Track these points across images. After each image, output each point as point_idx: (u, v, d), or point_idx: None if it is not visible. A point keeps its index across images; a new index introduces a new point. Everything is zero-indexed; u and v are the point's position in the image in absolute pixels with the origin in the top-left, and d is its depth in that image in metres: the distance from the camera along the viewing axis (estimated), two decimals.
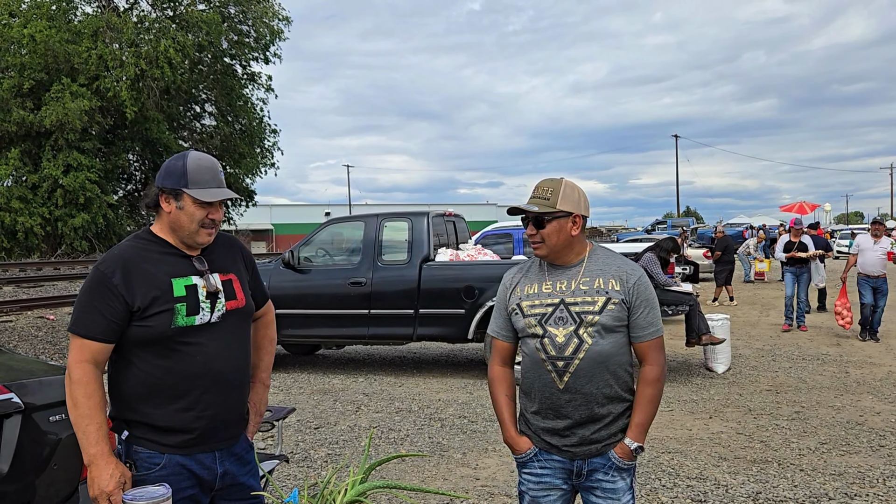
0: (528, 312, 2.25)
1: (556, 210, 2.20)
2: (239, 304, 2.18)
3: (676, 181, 52.42)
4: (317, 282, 8.14)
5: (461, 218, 9.46)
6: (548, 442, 2.28)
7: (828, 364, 8.35)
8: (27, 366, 3.08)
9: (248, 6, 28.87)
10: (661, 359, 2.25)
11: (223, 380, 2.09)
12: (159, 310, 2.00)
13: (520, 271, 2.38)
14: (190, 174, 2.05)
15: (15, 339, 10.11)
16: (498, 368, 2.40)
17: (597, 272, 2.24)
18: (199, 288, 2.08)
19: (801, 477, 4.61)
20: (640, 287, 2.22)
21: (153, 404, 2.02)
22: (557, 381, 2.21)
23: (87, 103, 24.46)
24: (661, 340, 2.27)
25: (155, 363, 2.02)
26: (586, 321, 2.18)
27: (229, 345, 2.12)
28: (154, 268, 2.04)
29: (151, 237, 2.12)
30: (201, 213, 2.07)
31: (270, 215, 61.62)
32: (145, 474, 2.01)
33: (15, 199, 24.53)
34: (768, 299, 15.61)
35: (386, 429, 5.97)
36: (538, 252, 2.26)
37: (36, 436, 2.52)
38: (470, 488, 4.53)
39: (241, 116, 31.46)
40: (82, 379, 1.93)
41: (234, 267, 2.25)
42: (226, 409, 2.12)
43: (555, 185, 2.24)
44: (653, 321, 2.24)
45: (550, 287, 2.25)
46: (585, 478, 2.26)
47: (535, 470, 2.30)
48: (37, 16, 25.68)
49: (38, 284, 16.88)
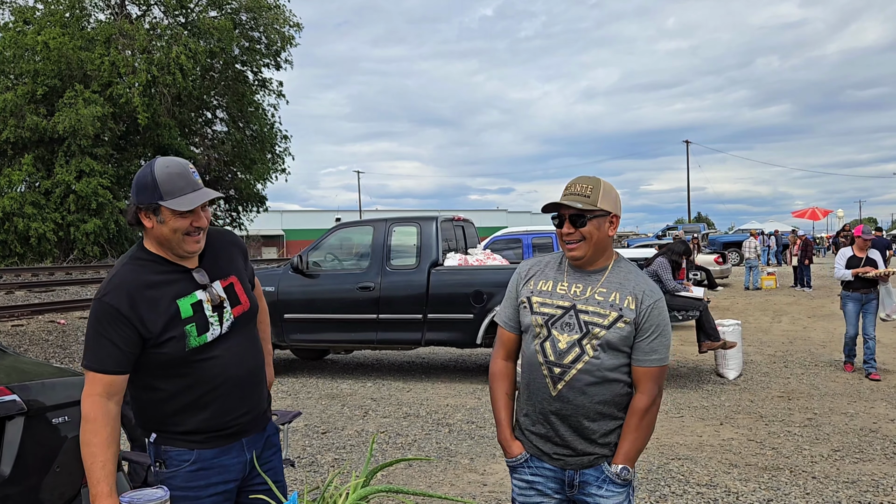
0: (537, 310, 2.18)
1: (597, 208, 2.09)
2: (244, 308, 2.16)
3: (687, 187, 52.25)
4: (326, 286, 8.14)
5: (470, 223, 9.44)
6: (539, 448, 2.21)
7: (841, 371, 8.26)
8: (32, 368, 3.08)
9: (260, 13, 29.07)
10: (654, 390, 2.13)
11: (238, 386, 2.11)
12: (171, 335, 1.98)
13: (537, 264, 2.29)
14: (161, 185, 1.95)
15: (26, 343, 10.16)
16: (501, 363, 2.32)
17: (615, 285, 2.14)
18: (203, 303, 2.05)
19: (813, 484, 4.54)
20: (654, 311, 2.11)
21: (177, 417, 2.05)
22: (551, 386, 2.14)
23: (100, 109, 24.68)
24: (662, 371, 2.14)
25: (174, 382, 2.03)
26: (592, 333, 2.10)
27: (242, 349, 2.14)
28: (158, 292, 1.99)
29: (147, 256, 2.04)
30: (184, 223, 1.98)
31: (281, 221, 61.85)
32: (175, 471, 2.03)
33: (28, 204, 24.75)
34: (780, 305, 15.48)
35: (393, 434, 5.95)
36: (575, 252, 2.14)
37: (39, 438, 2.51)
38: (477, 494, 4.49)
39: (252, 122, 31.65)
40: (89, 415, 1.90)
41: (233, 266, 2.20)
42: (248, 406, 2.15)
43: (594, 182, 2.14)
44: (657, 349, 2.12)
45: (566, 288, 2.17)
46: (578, 490, 2.18)
47: (526, 476, 2.23)
48: (50, 23, 25.96)
49: (50, 289, 16.97)
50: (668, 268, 8.07)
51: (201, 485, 2.04)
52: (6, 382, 2.50)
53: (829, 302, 15.85)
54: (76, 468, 2.63)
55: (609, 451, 2.16)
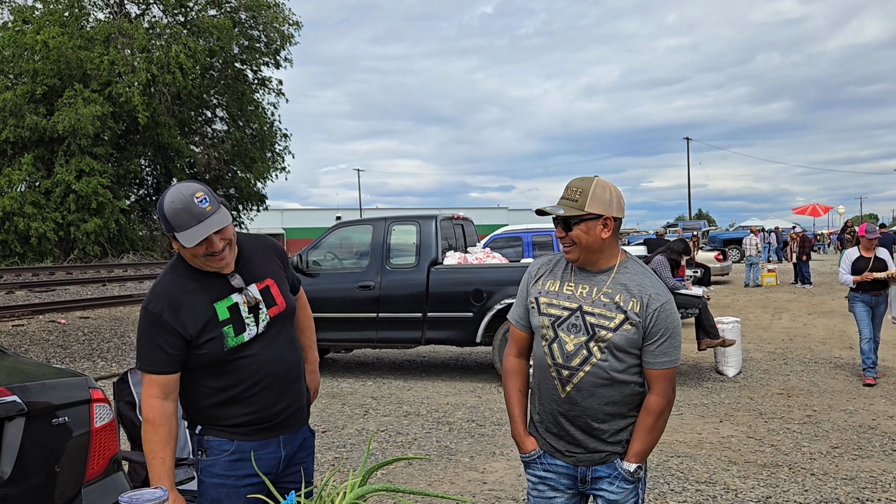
0: (544, 311, 2.18)
1: (583, 213, 2.08)
2: (280, 309, 2.26)
3: (688, 184, 52.23)
4: (325, 285, 8.14)
5: (470, 221, 9.45)
6: (552, 445, 2.24)
7: (840, 368, 8.27)
8: (32, 369, 3.08)
9: (259, 12, 29.03)
10: (668, 390, 2.13)
11: (276, 381, 2.24)
12: (210, 337, 2.12)
13: (547, 264, 2.28)
14: (170, 220, 2.06)
15: (27, 343, 10.17)
16: (513, 360, 2.32)
17: (620, 287, 2.12)
18: (240, 305, 2.18)
19: (811, 481, 4.55)
20: (661, 315, 2.08)
21: (219, 412, 2.20)
22: (559, 389, 2.15)
23: (100, 109, 24.67)
24: (674, 372, 2.15)
25: (216, 379, 2.18)
26: (599, 336, 2.09)
27: (278, 348, 2.25)
28: (196, 298, 2.13)
29: (184, 266, 2.18)
30: (199, 250, 2.09)
31: (282, 220, 61.82)
32: (215, 459, 2.19)
33: (28, 204, 24.75)
34: (780, 302, 15.49)
35: (394, 432, 5.96)
36: (570, 255, 2.16)
37: (39, 438, 2.52)
38: (477, 492, 4.50)
39: (252, 121, 31.63)
40: (148, 416, 2.09)
41: (270, 269, 2.30)
42: (285, 404, 2.27)
43: (584, 185, 2.12)
44: (667, 351, 2.11)
45: (572, 289, 2.16)
46: (591, 485, 2.21)
47: (539, 472, 2.27)
48: (49, 22, 25.94)
49: (51, 289, 16.98)
50: (668, 266, 8.08)
51: (239, 475, 2.18)
52: (6, 383, 2.50)
53: (829, 299, 15.86)
54: (76, 469, 2.65)
55: (621, 449, 2.17)
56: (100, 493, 2.67)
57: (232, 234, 2.14)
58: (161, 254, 29.72)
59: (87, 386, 2.75)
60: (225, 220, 2.08)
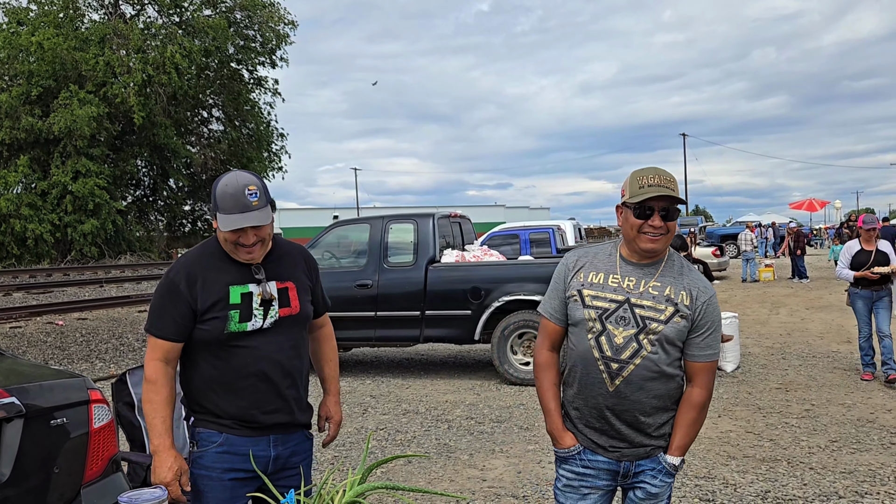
0: (589, 304, 2.14)
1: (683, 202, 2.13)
2: (292, 312, 2.30)
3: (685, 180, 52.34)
4: (323, 284, 8.11)
5: (467, 219, 9.45)
6: (594, 441, 2.19)
7: (838, 361, 8.28)
8: (30, 370, 3.08)
9: (254, 11, 29.00)
10: (710, 383, 2.17)
11: (269, 379, 2.25)
12: (215, 315, 2.18)
13: (585, 255, 2.25)
14: (217, 199, 2.16)
15: (24, 345, 10.15)
16: (547, 354, 2.28)
17: (669, 280, 2.13)
18: (254, 296, 2.23)
19: (810, 475, 4.56)
20: (709, 308, 2.12)
21: (213, 396, 2.24)
22: (608, 382, 2.11)
23: (95, 110, 24.63)
24: (715, 365, 2.19)
25: (212, 362, 2.23)
26: (650, 328, 2.08)
27: (279, 347, 2.27)
28: (215, 276, 2.21)
29: (217, 247, 2.26)
30: (232, 237, 2.17)
31: (279, 219, 61.76)
32: (204, 451, 2.22)
33: (24, 205, 24.73)
34: (778, 297, 15.51)
35: (393, 430, 5.96)
36: (657, 245, 2.10)
37: (38, 440, 2.52)
38: (476, 490, 4.51)
39: (248, 121, 31.60)
40: (151, 376, 2.16)
41: (294, 275, 2.35)
42: (276, 404, 2.27)
43: (669, 175, 2.13)
44: (712, 344, 2.14)
45: (618, 281, 2.14)
46: (632, 478, 2.19)
47: (577, 468, 2.21)
48: (44, 24, 25.90)
49: (48, 290, 16.96)
50: None
51: (225, 468, 2.21)
52: (4, 385, 2.50)
53: (826, 293, 15.89)
54: (75, 470, 2.65)
55: (664, 442, 2.18)
56: (99, 494, 2.67)
57: (268, 233, 2.23)
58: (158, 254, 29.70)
59: (85, 387, 2.75)
60: (264, 219, 2.17)
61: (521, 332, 7.49)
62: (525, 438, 5.59)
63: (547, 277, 8.93)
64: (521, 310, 7.50)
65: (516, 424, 6.00)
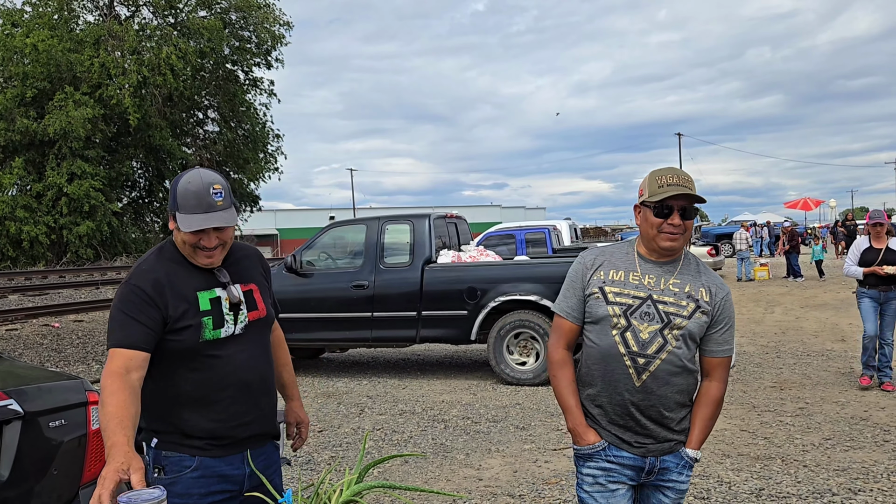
0: (613, 300, 2.16)
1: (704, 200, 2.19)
2: (260, 315, 2.20)
3: None
4: (320, 285, 8.16)
5: (463, 219, 9.47)
6: (619, 437, 2.20)
7: (833, 360, 8.33)
8: (28, 373, 3.10)
9: (249, 12, 28.99)
10: (726, 378, 2.24)
11: (248, 388, 2.12)
12: (188, 324, 2.02)
13: (603, 253, 2.28)
14: (178, 198, 2.00)
15: (20, 348, 10.15)
16: (562, 352, 2.27)
17: (689, 277, 2.19)
18: (222, 300, 2.10)
19: (804, 473, 4.60)
20: (726, 304, 2.20)
21: (184, 414, 2.05)
22: (635, 377, 2.14)
23: (91, 111, 24.59)
24: (731, 360, 2.25)
25: (185, 375, 2.04)
26: (674, 324, 2.12)
27: (253, 354, 2.16)
28: (181, 282, 2.05)
29: (174, 251, 2.11)
30: (192, 238, 2.02)
31: (275, 220, 61.72)
32: (176, 477, 2.02)
33: (20, 208, 24.68)
34: (773, 296, 15.57)
35: (389, 431, 5.98)
36: (676, 243, 2.16)
37: (36, 441, 2.53)
38: (473, 489, 4.53)
39: (243, 122, 31.57)
40: (106, 384, 1.87)
41: (255, 277, 2.26)
42: (252, 415, 2.14)
43: (686, 174, 2.20)
44: (729, 340, 2.21)
45: (639, 279, 2.18)
46: (657, 475, 2.21)
47: (602, 464, 2.21)
48: (39, 25, 25.85)
49: (44, 293, 16.94)
50: None
51: (203, 492, 2.04)
52: (2, 388, 2.52)
53: (821, 292, 15.96)
54: (73, 471, 2.66)
55: (684, 437, 2.22)
56: None
57: (230, 237, 2.11)
58: None
59: (83, 389, 2.77)
60: (229, 220, 2.03)
61: (518, 332, 7.51)
62: (521, 438, 5.61)
63: (543, 277, 8.92)
64: (517, 310, 7.53)
65: (512, 424, 6.02)
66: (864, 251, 6.79)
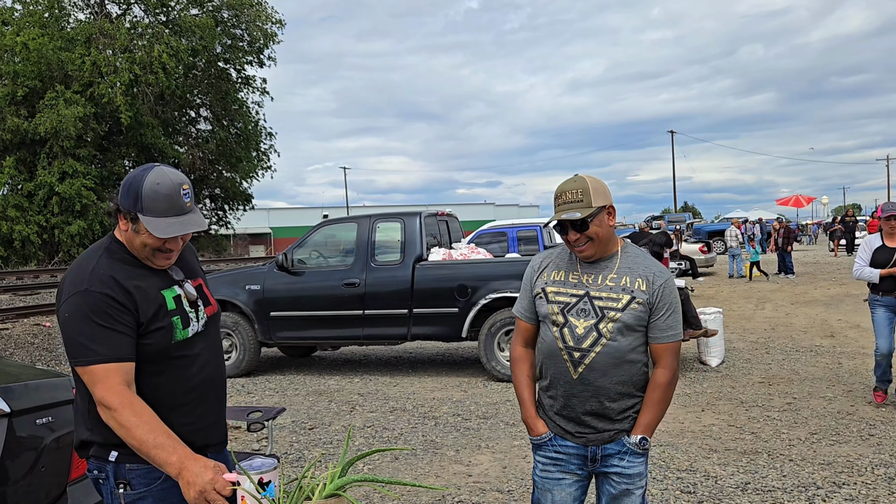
0: (553, 299, 2.31)
1: (594, 208, 2.23)
2: (213, 309, 2.17)
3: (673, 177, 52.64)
4: (311, 284, 8.17)
5: (454, 217, 9.50)
6: (562, 428, 2.35)
7: (821, 355, 8.39)
8: (14, 370, 3.11)
9: (241, 10, 28.93)
10: (674, 363, 2.29)
11: (214, 386, 2.10)
12: (160, 325, 1.93)
13: (548, 256, 2.42)
14: (144, 199, 1.86)
15: (11, 347, 10.13)
16: (521, 349, 2.46)
17: (625, 270, 2.28)
18: (182, 298, 2.02)
19: (790, 467, 4.64)
20: (665, 290, 2.26)
21: None
22: (572, 371, 2.27)
23: (82, 110, 24.48)
24: (679, 346, 2.31)
25: (153, 379, 1.94)
26: (608, 317, 2.23)
27: (214, 350, 2.13)
28: (143, 283, 1.94)
29: (124, 252, 1.97)
30: (156, 242, 1.92)
31: (268, 219, 61.62)
32: (145, 491, 1.92)
33: (11, 207, 24.57)
34: (764, 293, 15.65)
35: (380, 428, 6.01)
36: (586, 252, 2.27)
37: (24, 438, 2.55)
38: (462, 484, 4.56)
39: (236, 120, 31.51)
40: (124, 401, 1.78)
41: (199, 271, 2.20)
42: (217, 414, 2.12)
43: (580, 185, 2.25)
44: (672, 325, 2.27)
45: (577, 278, 2.31)
46: (601, 463, 2.31)
47: (549, 454, 2.37)
48: (29, 23, 25.69)
49: (35, 292, 16.89)
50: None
51: (174, 501, 1.88)
52: None
53: (812, 288, 16.04)
54: (61, 468, 2.68)
55: (628, 426, 2.30)
56: (85, 492, 2.70)
57: (188, 239, 2.05)
58: None
59: (70, 386, 2.77)
60: (202, 223, 1.95)
61: (508, 329, 7.54)
62: (511, 434, 5.64)
63: None
64: (507, 307, 7.56)
65: (502, 420, 6.05)
66: (875, 250, 5.85)
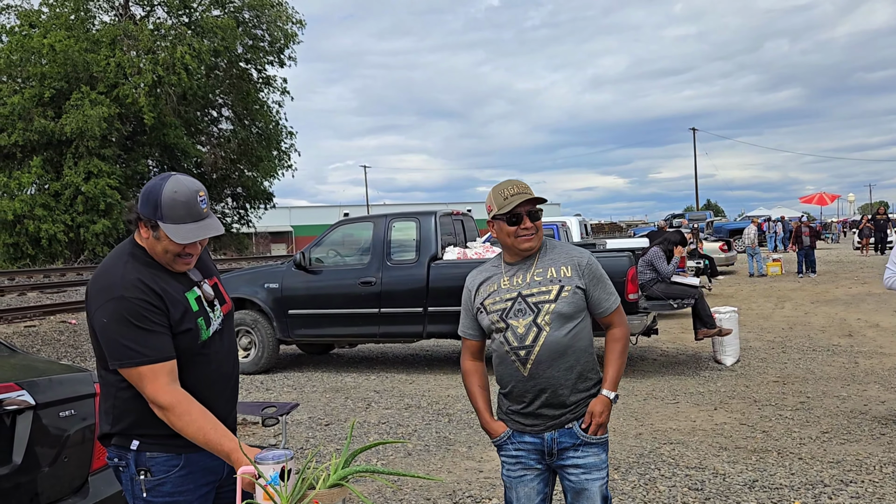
0: (491, 309, 2.44)
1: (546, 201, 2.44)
2: (229, 307, 2.26)
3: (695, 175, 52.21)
4: (328, 282, 8.30)
5: (469, 216, 9.57)
6: (519, 423, 2.47)
7: (838, 355, 8.35)
8: (40, 365, 3.25)
9: (262, 11, 29.23)
10: (625, 319, 2.50)
11: (231, 382, 2.22)
12: (188, 327, 2.03)
13: (479, 272, 2.57)
14: (164, 207, 1.96)
15: (38, 343, 10.38)
16: (469, 363, 2.64)
17: (549, 262, 2.43)
18: (202, 299, 2.12)
19: (798, 465, 4.67)
20: (590, 266, 2.42)
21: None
22: (522, 369, 2.41)
23: (107, 111, 24.90)
24: (621, 306, 2.50)
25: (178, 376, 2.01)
26: (543, 310, 2.36)
27: (230, 347, 2.23)
28: (168, 286, 2.03)
29: (146, 256, 2.06)
30: (177, 248, 2.01)
31: (290, 217, 62.06)
32: (164, 478, 2.03)
33: (38, 206, 25.05)
34: (784, 291, 15.54)
35: (395, 424, 6.11)
36: (531, 244, 2.41)
37: (47, 430, 2.68)
38: (473, 480, 4.65)
39: (257, 120, 31.85)
40: (175, 400, 1.92)
41: (213, 270, 2.28)
42: (231, 407, 2.23)
43: (521, 183, 2.45)
44: (610, 292, 2.45)
45: (508, 282, 2.44)
46: (557, 457, 2.42)
47: (511, 452, 2.49)
48: (56, 26, 26.17)
49: (62, 290, 17.23)
50: (662, 256, 8.19)
51: (191, 488, 2.06)
52: (16, 379, 2.66)
53: (833, 287, 15.90)
54: (83, 459, 2.81)
55: (580, 414, 2.42)
56: (106, 482, 2.83)
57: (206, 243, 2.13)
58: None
59: (92, 381, 2.90)
60: (219, 228, 2.04)
61: None
62: None
63: None
64: None
65: None
66: None
